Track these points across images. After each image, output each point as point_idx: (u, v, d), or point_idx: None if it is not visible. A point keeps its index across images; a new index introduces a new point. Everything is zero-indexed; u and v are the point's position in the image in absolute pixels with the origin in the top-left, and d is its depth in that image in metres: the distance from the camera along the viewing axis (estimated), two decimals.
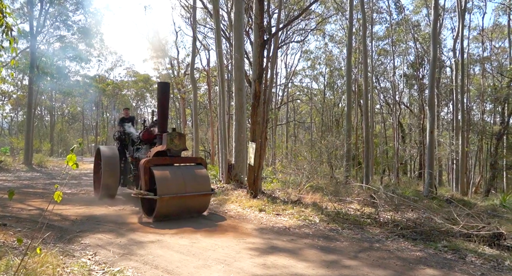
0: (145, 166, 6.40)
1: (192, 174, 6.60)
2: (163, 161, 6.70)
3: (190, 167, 6.87)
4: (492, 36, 29.41)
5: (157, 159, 6.68)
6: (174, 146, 6.76)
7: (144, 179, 6.39)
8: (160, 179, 6.18)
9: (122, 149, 9.04)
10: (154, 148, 7.24)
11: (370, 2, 26.46)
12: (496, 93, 19.83)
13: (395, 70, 31.40)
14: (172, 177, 6.29)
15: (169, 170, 6.46)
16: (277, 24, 15.61)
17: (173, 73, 28.10)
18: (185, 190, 6.29)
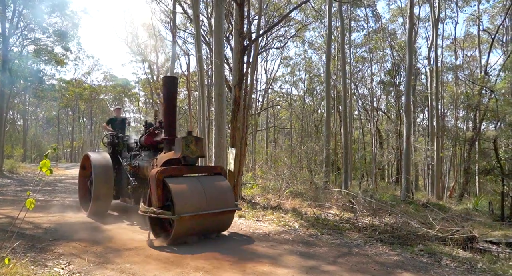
0: (158, 177, 5.11)
1: (213, 186, 5.42)
2: (179, 171, 5.47)
3: (209, 178, 5.66)
4: (464, 45, 30.52)
5: (172, 169, 5.40)
6: (190, 153, 5.50)
7: (156, 194, 5.14)
8: (178, 194, 4.99)
9: (115, 156, 7.69)
10: (162, 155, 6.06)
11: (348, 10, 27.02)
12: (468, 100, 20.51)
13: (372, 77, 32.10)
14: (191, 191, 5.12)
15: (187, 182, 5.28)
16: (257, 30, 15.70)
17: (152, 78, 27.78)
18: (207, 206, 5.14)
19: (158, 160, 6.01)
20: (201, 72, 13.36)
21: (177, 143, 5.60)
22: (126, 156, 7.53)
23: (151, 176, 5.25)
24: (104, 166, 7.05)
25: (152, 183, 5.19)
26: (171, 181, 5.15)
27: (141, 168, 6.69)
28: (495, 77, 22.08)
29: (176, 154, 5.58)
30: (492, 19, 28.29)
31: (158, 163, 5.90)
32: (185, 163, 5.52)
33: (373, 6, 29.28)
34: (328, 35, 19.00)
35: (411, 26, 17.03)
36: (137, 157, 7.12)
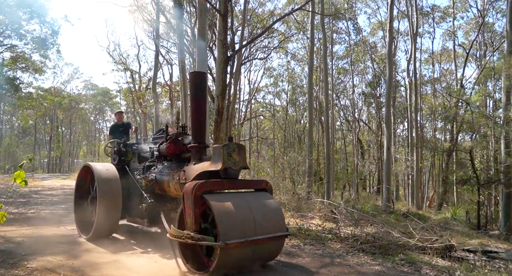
0: (195, 193, 4.05)
1: (261, 206, 4.39)
2: (220, 186, 4.40)
3: (255, 196, 4.59)
4: (441, 59, 31.55)
5: (212, 183, 4.31)
6: (232, 163, 4.45)
7: (192, 214, 4.07)
8: (222, 216, 3.94)
9: (121, 167, 6.45)
10: (191, 166, 4.90)
11: (330, 23, 27.60)
12: (445, 112, 21.11)
13: (354, 89, 32.73)
14: (237, 212, 4.09)
15: (231, 200, 4.24)
16: (241, 41, 15.83)
17: (134, 87, 27.53)
18: (256, 231, 4.14)
19: (186, 172, 4.84)
20: (184, 81, 13.33)
21: (216, 152, 4.52)
22: (137, 168, 6.31)
23: (186, 191, 4.15)
24: (111, 180, 5.86)
25: (187, 200, 4.11)
26: (211, 198, 4.06)
27: (160, 182, 5.48)
28: (471, 90, 22.85)
29: (215, 165, 4.44)
30: (466, 35, 29.43)
31: (187, 176, 4.79)
32: (225, 176, 4.43)
33: (354, 19, 30.04)
34: (311, 47, 19.32)
35: (390, 39, 17.51)
36: (152, 169, 5.88)
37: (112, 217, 5.77)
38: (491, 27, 26.56)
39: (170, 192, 5.23)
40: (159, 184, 5.54)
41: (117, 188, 5.83)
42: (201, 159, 4.83)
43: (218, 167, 4.35)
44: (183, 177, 4.84)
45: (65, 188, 17.93)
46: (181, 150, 5.45)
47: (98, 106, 49.38)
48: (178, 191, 4.89)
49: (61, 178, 27.79)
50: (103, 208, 5.64)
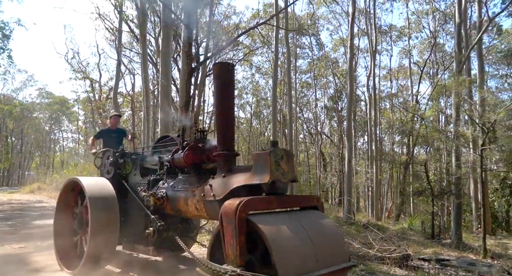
0: (240, 216, 2.98)
1: (319, 230, 3.31)
2: (267, 204, 3.30)
3: (308, 216, 3.48)
4: (398, 75, 33.17)
5: (259, 200, 3.23)
6: (281, 175, 3.39)
7: (237, 244, 3.01)
8: (279, 246, 2.89)
9: (118, 182, 5.22)
10: (222, 179, 3.75)
11: (294, 38, 28.29)
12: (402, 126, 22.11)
13: (317, 102, 33.56)
14: (295, 241, 3.04)
15: (285, 224, 3.17)
16: (205, 53, 15.81)
17: (94, 97, 26.61)
18: (318, 264, 3.12)
19: (215, 187, 3.76)
20: (147, 92, 13.06)
21: (260, 160, 3.45)
22: (139, 183, 5.12)
23: (227, 213, 3.07)
24: (106, 199, 4.73)
25: (228, 225, 3.05)
26: (260, 221, 3.02)
27: (173, 200, 4.37)
28: (425, 105, 24.12)
29: (259, 177, 3.37)
30: (420, 54, 31.22)
31: (217, 192, 3.71)
32: (270, 192, 3.37)
33: (317, 35, 31.03)
34: (275, 60, 19.66)
35: (351, 56, 18.20)
36: (160, 184, 4.73)
37: (108, 246, 4.58)
38: (442, 48, 28.38)
39: (188, 213, 4.10)
40: (172, 203, 4.38)
41: (114, 209, 4.68)
42: (231, 170, 3.78)
43: (265, 179, 3.28)
44: (209, 193, 3.76)
45: (13, 203, 16.80)
46: (201, 160, 4.34)
47: (54, 115, 47.12)
48: (201, 211, 3.87)
49: (8, 192, 26.10)
50: (96, 235, 4.44)
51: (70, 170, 25.23)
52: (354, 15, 19.30)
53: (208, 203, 3.72)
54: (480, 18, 20.23)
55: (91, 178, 5.37)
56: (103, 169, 5.52)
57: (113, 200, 4.71)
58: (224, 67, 3.95)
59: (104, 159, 5.49)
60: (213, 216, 3.76)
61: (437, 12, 25.97)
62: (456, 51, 16.26)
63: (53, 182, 23.34)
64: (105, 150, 5.69)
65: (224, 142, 3.87)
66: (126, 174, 5.36)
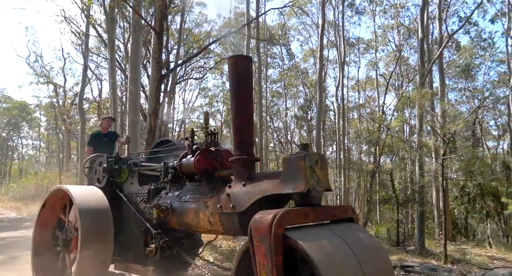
0: (276, 232, 2.38)
1: (363, 247, 2.70)
2: (304, 216, 2.72)
3: (349, 230, 2.90)
4: (365, 86, 34.22)
5: (295, 212, 2.63)
6: (316, 183, 2.85)
7: (273, 266, 2.38)
8: (325, 267, 2.31)
9: (111, 191, 4.57)
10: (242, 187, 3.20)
11: (265, 48, 28.61)
12: (369, 136, 22.74)
13: (287, 111, 33.96)
14: (341, 260, 2.48)
15: (328, 240, 2.59)
16: (176, 60, 15.67)
17: (57, 102, 25.61)
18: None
19: (234, 197, 3.21)
20: (115, 98, 12.73)
21: (292, 165, 2.89)
22: (137, 192, 4.46)
23: (259, 228, 2.51)
24: (99, 211, 4.09)
25: (261, 242, 2.49)
26: (301, 237, 2.45)
27: (180, 212, 3.76)
28: (391, 116, 24.97)
29: (292, 186, 2.81)
30: (386, 66, 32.41)
31: (237, 203, 3.16)
32: (306, 203, 2.82)
33: (288, 45, 31.55)
34: None
35: (321, 66, 18.61)
36: (163, 194, 4.09)
37: (99, 267, 3.96)
38: (406, 61, 29.62)
39: (199, 227, 3.55)
40: (178, 215, 3.76)
41: (108, 223, 4.03)
42: (252, 177, 3.26)
43: (299, 188, 2.75)
44: (227, 204, 3.21)
45: None
46: (213, 166, 3.83)
47: (13, 121, 44.82)
48: (216, 226, 3.31)
49: None
50: (86, 254, 3.83)
51: (30, 179, 24.03)
52: (323, 27, 19.81)
53: (225, 216, 3.18)
54: (440, 34, 21.35)
55: (81, 187, 4.77)
56: (94, 177, 4.82)
57: (107, 212, 4.06)
58: (240, 60, 3.48)
59: (96, 165, 4.78)
60: (230, 231, 3.25)
61: (401, 27, 27.14)
62: (419, 65, 17.01)
63: (9, 192, 22.11)
64: (96, 155, 5.02)
65: (242, 146, 3.38)
66: (121, 182, 4.70)
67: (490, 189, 20.56)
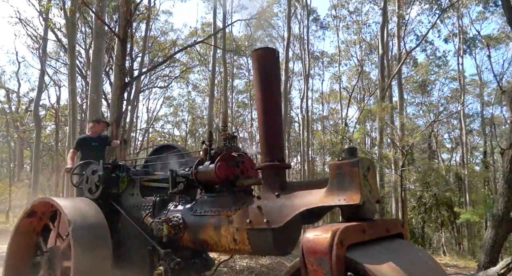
0: (338, 254, 1.94)
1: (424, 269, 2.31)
2: (361, 233, 2.22)
3: (406, 248, 2.48)
4: (329, 99, 35.14)
5: (354, 229, 2.15)
6: (369, 193, 2.40)
7: None
8: None
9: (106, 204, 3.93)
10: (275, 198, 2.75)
11: (232, 58, 28.74)
12: (333, 148, 23.26)
13: (252, 122, 34.10)
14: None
15: (390, 261, 2.09)
16: (140, 68, 15.33)
17: (10, 108, 24.21)
18: None
19: (267, 210, 2.75)
20: (74, 106, 12.22)
21: (344, 172, 2.46)
22: (139, 205, 3.83)
23: (314, 248, 2.10)
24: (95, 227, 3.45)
25: (318, 265, 2.10)
26: (364, 259, 2.08)
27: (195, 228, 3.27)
28: (353, 128, 25.75)
29: (344, 197, 2.40)
30: (349, 80, 33.53)
31: (272, 217, 2.70)
32: (359, 216, 2.41)
33: None
34: (212, 79, 19.71)
35: (286, 78, 18.92)
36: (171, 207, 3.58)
37: None
38: (368, 75, 30.81)
39: (219, 246, 3.07)
40: (193, 232, 3.26)
41: (107, 243, 3.38)
42: (285, 187, 2.87)
43: (353, 199, 2.34)
44: (259, 219, 2.75)
45: None
46: (235, 174, 3.36)
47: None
48: (242, 244, 2.86)
49: None
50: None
51: None
52: (289, 40, 20.22)
53: (256, 233, 2.72)
54: (399, 51, 22.42)
55: (71, 199, 4.07)
56: (85, 187, 4.13)
57: (105, 230, 3.39)
58: (267, 53, 3.11)
59: (87, 174, 4.13)
60: (260, 250, 2.83)
61: (363, 42, 28.26)
62: (380, 80, 17.74)
63: None
64: (88, 162, 4.43)
65: (272, 151, 2.98)
66: (119, 193, 4.04)
67: (444, 199, 21.62)
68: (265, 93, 3.01)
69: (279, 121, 3.03)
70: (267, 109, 2.99)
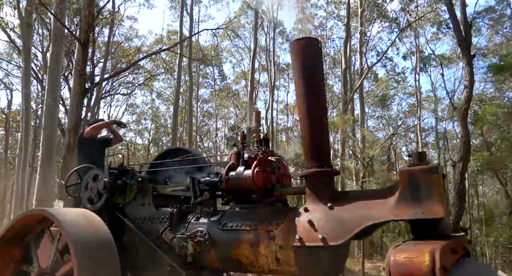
0: None
1: None
2: (453, 253, 1.96)
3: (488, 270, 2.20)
4: (294, 110, 35.69)
5: (447, 248, 1.84)
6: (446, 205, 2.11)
7: None
8: None
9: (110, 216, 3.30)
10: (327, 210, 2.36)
11: (197, 67, 28.52)
12: (296, 159, 23.55)
13: (217, 132, 33.90)
14: None
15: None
16: (102, 74, 14.80)
17: None
18: None
19: (320, 225, 2.31)
20: (28, 111, 11.56)
21: (421, 180, 2.05)
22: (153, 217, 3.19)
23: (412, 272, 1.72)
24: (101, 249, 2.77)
25: None
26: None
27: (225, 246, 2.73)
28: None
29: (423, 209, 2.00)
30: None
31: (328, 233, 2.27)
32: (439, 232, 2.09)
33: (220, 66, 31.83)
34: (177, 88, 19.42)
35: (251, 89, 19.02)
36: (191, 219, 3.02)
37: None
38: (331, 89, 31.64)
39: (257, 266, 2.57)
40: (223, 250, 2.72)
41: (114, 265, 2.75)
42: (337, 196, 2.46)
43: (435, 212, 1.96)
44: (313, 235, 2.28)
45: None
46: (271, 182, 2.90)
47: None
48: (286, 264, 2.41)
49: None
50: None
51: None
52: (255, 51, 20.40)
53: (307, 252, 2.31)
54: (361, 66, 23.29)
55: (69, 210, 3.28)
56: (84, 196, 3.50)
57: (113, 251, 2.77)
58: (309, 45, 2.68)
59: (87, 180, 3.52)
60: (311, 271, 2.38)
61: (327, 56, 29.09)
62: (342, 93, 18.27)
63: None
64: (87, 166, 3.76)
65: (320, 155, 2.56)
66: (124, 203, 3.43)
67: None
68: (309, 88, 2.61)
69: (325, 120, 2.66)
70: (311, 107, 2.58)
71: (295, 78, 2.73)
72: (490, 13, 21.26)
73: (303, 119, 2.64)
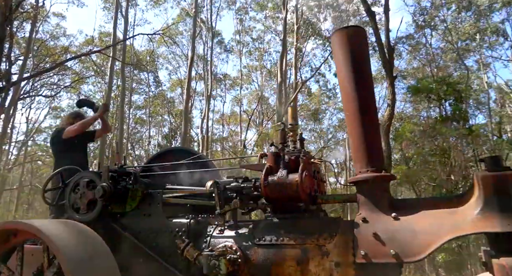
0: None
1: None
2: None
3: None
4: (229, 121, 35.78)
5: None
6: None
7: None
8: None
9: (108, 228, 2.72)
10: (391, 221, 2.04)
11: (131, 72, 27.39)
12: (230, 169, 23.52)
13: (150, 139, 32.65)
14: None
15: None
16: (21, 73, 13.49)
17: None
18: None
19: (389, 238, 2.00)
20: None
21: (507, 186, 1.82)
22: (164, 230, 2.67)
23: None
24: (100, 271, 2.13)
25: None
26: None
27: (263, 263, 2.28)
28: (251, 150, 26.47)
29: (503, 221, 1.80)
30: (249, 104, 34.76)
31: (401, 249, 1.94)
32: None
33: (155, 73, 30.91)
34: (108, 92, 18.42)
35: (187, 97, 18.69)
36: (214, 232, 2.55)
37: None
38: (267, 100, 32.36)
39: None
40: (261, 269, 2.29)
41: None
42: (397, 205, 2.20)
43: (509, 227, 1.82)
44: (383, 250, 2.00)
45: None
46: (314, 189, 2.54)
47: None
48: None
49: None
50: None
51: None
52: (193, 60, 20.15)
53: (374, 270, 2.03)
54: (296, 80, 24.16)
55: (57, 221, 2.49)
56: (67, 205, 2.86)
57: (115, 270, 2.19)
58: (356, 34, 2.39)
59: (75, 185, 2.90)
60: None
61: (264, 69, 29.79)
62: (277, 105, 18.73)
63: None
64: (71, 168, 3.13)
65: (373, 157, 2.26)
66: (122, 213, 2.87)
67: None
68: (358, 83, 2.31)
69: (377, 119, 2.40)
70: (364, 103, 2.29)
71: (340, 72, 2.44)
72: (409, 40, 23.52)
73: (353, 116, 2.33)
